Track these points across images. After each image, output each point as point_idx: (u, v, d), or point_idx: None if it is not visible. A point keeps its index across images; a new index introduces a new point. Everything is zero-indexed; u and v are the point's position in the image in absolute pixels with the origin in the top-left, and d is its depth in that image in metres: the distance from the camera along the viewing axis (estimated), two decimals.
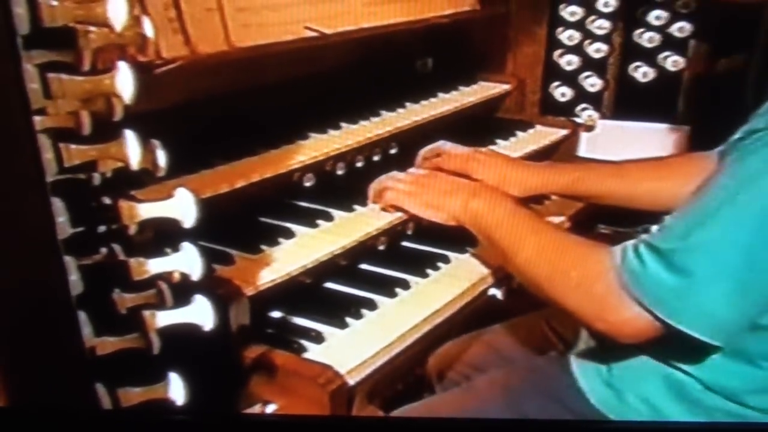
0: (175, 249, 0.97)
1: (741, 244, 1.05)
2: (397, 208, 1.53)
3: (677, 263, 1.08)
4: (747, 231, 1.04)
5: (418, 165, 1.64)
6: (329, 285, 1.44)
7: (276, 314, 1.34)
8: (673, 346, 1.17)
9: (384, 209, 1.54)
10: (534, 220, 1.35)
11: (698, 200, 1.12)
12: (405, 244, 1.60)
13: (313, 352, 1.25)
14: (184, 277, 0.98)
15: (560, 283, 1.22)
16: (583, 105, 2.23)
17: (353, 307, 1.35)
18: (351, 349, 1.26)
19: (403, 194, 1.51)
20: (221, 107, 1.56)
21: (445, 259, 1.54)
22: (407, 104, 1.92)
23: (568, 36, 2.20)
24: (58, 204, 0.89)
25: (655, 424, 1.24)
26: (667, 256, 1.09)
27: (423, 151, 1.62)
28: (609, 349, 1.30)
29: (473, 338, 1.63)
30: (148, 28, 0.91)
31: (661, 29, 2.15)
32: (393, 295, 1.41)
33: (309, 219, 1.48)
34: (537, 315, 1.63)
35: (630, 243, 1.15)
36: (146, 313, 0.96)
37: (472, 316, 1.49)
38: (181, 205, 0.95)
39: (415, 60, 2.17)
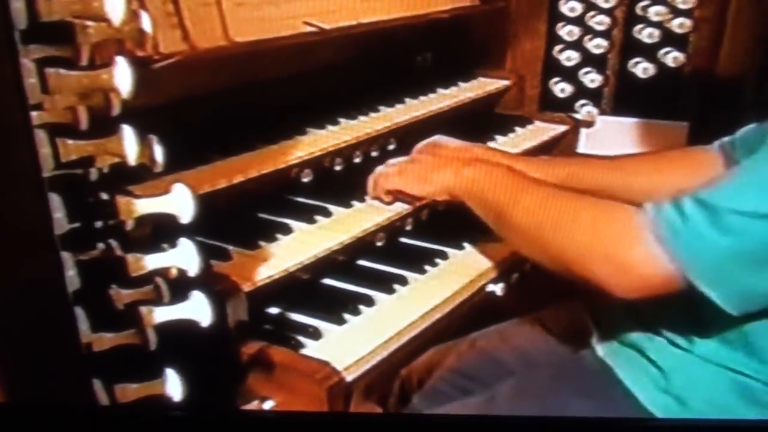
0: (173, 245, 0.97)
1: None
2: (390, 192, 1.52)
3: (727, 222, 1.04)
4: None
5: None
6: (327, 281, 1.44)
7: (273, 310, 1.34)
8: (732, 350, 1.16)
9: (377, 197, 1.53)
10: (535, 179, 1.32)
11: (759, 163, 1.10)
12: (403, 240, 1.60)
13: (311, 348, 1.25)
14: (182, 272, 0.98)
15: (568, 224, 1.18)
16: (583, 101, 2.22)
17: (351, 304, 1.35)
18: (349, 345, 1.26)
19: (393, 173, 1.50)
20: (219, 102, 1.55)
21: (444, 256, 1.54)
22: (406, 100, 1.92)
23: (567, 31, 2.19)
24: (55, 199, 0.88)
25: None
26: (717, 213, 1.05)
27: (419, 146, 1.60)
28: (660, 356, 1.27)
29: (456, 344, 1.61)
30: (146, 23, 0.91)
31: (661, 25, 2.14)
32: (391, 291, 1.41)
33: (307, 215, 1.47)
34: (530, 318, 1.62)
35: (667, 199, 1.11)
36: (143, 309, 0.95)
37: (470, 313, 1.49)
38: (179, 201, 0.95)
39: (414, 55, 2.16)
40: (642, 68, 2.17)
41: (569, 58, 2.21)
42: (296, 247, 1.38)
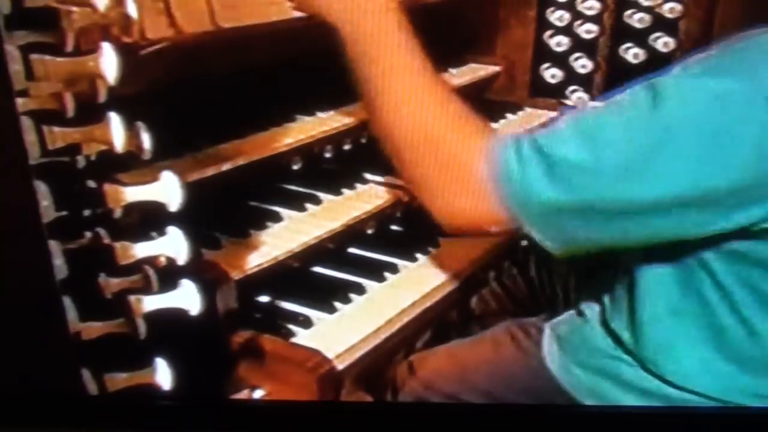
0: (161, 233, 0.96)
1: (628, 170, 0.99)
2: None
3: (557, 172, 1.00)
4: (634, 158, 0.99)
5: None
6: (317, 269, 1.44)
7: (263, 299, 1.33)
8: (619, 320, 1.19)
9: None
10: (417, 51, 1.21)
11: (597, 114, 1.07)
12: (393, 227, 1.60)
13: (301, 337, 1.25)
14: (170, 261, 0.97)
15: (423, 142, 1.10)
16: (573, 87, 2.22)
17: (341, 292, 1.35)
18: (339, 333, 1.25)
19: None
20: (207, 89, 1.54)
21: (435, 243, 1.53)
22: None
23: (558, 16, 2.19)
24: (41, 187, 0.88)
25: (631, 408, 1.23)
26: (549, 160, 1.01)
27: None
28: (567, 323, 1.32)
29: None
30: (131, 8, 0.90)
31: (651, 10, 2.14)
32: (382, 279, 1.41)
33: (296, 202, 1.47)
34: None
35: (513, 136, 1.06)
36: (132, 297, 0.95)
37: (461, 302, 1.49)
38: (167, 189, 0.95)
39: None
40: (633, 53, 2.17)
41: (560, 43, 2.20)
42: (286, 235, 1.37)
